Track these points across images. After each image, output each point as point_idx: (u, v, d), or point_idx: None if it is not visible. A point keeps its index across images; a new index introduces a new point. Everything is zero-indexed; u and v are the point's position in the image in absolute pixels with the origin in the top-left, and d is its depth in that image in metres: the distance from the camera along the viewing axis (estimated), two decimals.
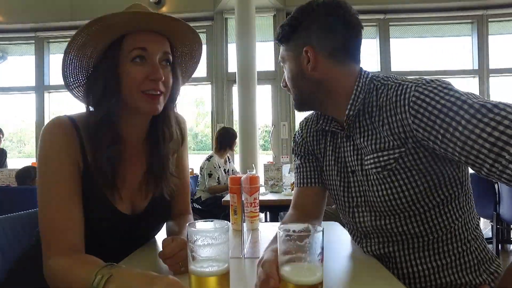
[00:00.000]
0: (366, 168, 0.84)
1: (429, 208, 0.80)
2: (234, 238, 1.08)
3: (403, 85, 0.77)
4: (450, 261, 0.82)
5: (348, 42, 0.85)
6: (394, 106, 0.77)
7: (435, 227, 0.81)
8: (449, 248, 0.82)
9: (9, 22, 5.18)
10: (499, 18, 4.89)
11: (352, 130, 0.87)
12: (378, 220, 0.85)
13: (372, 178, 0.84)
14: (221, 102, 5.03)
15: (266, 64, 4.96)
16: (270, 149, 5.10)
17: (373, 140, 0.83)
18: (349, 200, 0.91)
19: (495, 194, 2.67)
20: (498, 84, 4.96)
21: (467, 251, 0.84)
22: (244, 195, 1.15)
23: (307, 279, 0.55)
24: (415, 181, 0.78)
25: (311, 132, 1.02)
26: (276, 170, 2.89)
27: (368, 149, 0.84)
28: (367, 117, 0.84)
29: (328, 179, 0.97)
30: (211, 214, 3.26)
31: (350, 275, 0.78)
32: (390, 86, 0.80)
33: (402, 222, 0.82)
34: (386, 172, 0.80)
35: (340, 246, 0.98)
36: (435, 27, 5.10)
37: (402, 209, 0.81)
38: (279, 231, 0.55)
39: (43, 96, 5.32)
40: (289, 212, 1.02)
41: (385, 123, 0.80)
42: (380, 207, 0.84)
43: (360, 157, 0.87)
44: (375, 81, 0.85)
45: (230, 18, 4.99)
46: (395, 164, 0.79)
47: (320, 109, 0.94)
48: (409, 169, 0.78)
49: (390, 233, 0.85)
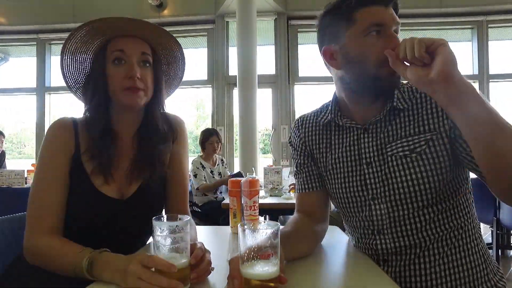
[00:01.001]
0: (389, 154, 0.84)
1: (445, 198, 0.83)
2: (233, 241, 1.08)
3: None
4: (460, 257, 0.83)
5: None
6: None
7: (448, 218, 0.83)
8: (459, 244, 0.84)
9: (11, 24, 5.21)
10: (499, 24, 4.91)
11: (376, 124, 0.88)
12: (396, 211, 0.85)
13: (394, 164, 0.84)
14: (222, 105, 5.03)
15: (266, 68, 4.97)
16: (270, 152, 5.09)
17: (399, 129, 0.85)
18: (365, 194, 0.88)
19: (495, 200, 2.66)
20: (498, 89, 4.97)
21: (475, 248, 0.86)
22: (244, 198, 1.15)
23: (261, 273, 0.58)
24: (440, 168, 0.80)
25: (310, 130, 1.00)
26: (276, 173, 2.89)
27: (391, 138, 0.85)
28: (406, 110, 0.85)
29: (336, 177, 0.93)
30: (210, 217, 3.25)
31: (349, 279, 0.78)
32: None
33: (419, 212, 0.83)
34: (414, 155, 0.82)
35: (339, 250, 0.98)
36: (435, 32, 5.11)
37: (423, 195, 0.81)
38: (238, 227, 0.60)
39: (44, 97, 5.33)
40: (293, 215, 1.01)
41: (422, 112, 0.83)
42: (400, 194, 0.83)
43: (380, 147, 0.87)
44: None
45: (231, 21, 5.01)
46: (425, 147, 0.81)
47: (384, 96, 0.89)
48: (437, 154, 0.80)
49: (405, 223, 0.84)
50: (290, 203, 2.37)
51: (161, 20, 5.01)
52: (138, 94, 0.92)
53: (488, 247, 1.12)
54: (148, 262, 0.65)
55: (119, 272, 0.67)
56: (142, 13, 4.97)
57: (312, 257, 0.88)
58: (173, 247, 0.65)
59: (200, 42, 5.28)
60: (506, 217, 2.56)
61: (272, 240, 0.58)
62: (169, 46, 1.01)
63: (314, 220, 0.96)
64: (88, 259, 0.72)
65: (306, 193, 1.00)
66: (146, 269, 0.64)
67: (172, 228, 0.65)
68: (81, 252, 0.75)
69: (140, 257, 0.66)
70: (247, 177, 1.16)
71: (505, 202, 0.75)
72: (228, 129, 5.04)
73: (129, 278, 0.64)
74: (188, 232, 0.67)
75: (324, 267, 0.85)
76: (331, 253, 0.94)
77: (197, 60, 5.25)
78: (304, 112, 1.08)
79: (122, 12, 5.04)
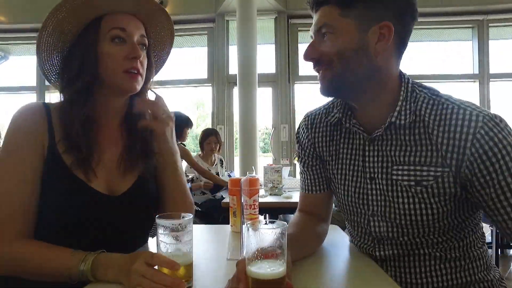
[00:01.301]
0: (394, 178, 0.78)
1: (453, 226, 0.78)
2: (233, 240, 1.08)
3: (466, 110, 0.72)
4: (460, 264, 0.82)
5: (410, 33, 0.75)
6: (454, 129, 0.71)
7: (451, 239, 0.80)
8: (461, 264, 0.81)
9: (11, 22, 5.19)
10: (500, 23, 4.89)
11: (383, 136, 0.79)
12: (395, 232, 0.81)
13: (398, 190, 0.78)
14: (222, 104, 5.03)
15: (266, 67, 4.96)
16: (270, 151, 5.09)
17: (408, 152, 0.76)
18: (365, 208, 0.85)
19: None
20: (498, 89, 4.97)
21: (477, 256, 0.84)
22: (244, 197, 1.15)
23: (270, 273, 0.56)
24: (445, 200, 0.74)
25: (320, 131, 0.92)
26: (275, 172, 2.89)
27: (399, 159, 0.77)
28: (407, 127, 0.76)
29: (339, 184, 0.89)
30: (210, 216, 3.25)
31: (350, 279, 0.78)
32: (447, 105, 0.74)
33: (420, 236, 0.79)
34: (419, 188, 0.75)
35: (340, 249, 0.98)
36: (436, 31, 5.10)
37: (425, 224, 0.77)
38: (245, 227, 0.57)
39: (44, 96, 5.31)
40: (295, 214, 1.00)
41: (433, 138, 0.74)
42: (401, 220, 0.78)
43: (386, 164, 0.79)
44: (418, 90, 0.78)
45: (231, 20, 5.00)
46: (433, 183, 0.74)
47: (358, 102, 0.80)
48: (445, 191, 0.74)
49: (406, 243, 0.81)
50: (290, 202, 2.37)
51: None
52: (137, 78, 0.85)
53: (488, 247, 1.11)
54: (152, 260, 0.65)
55: (123, 271, 0.67)
56: None
57: (312, 257, 0.88)
58: (175, 245, 0.66)
59: (200, 41, 5.27)
60: None
61: (280, 240, 0.57)
62: (161, 30, 0.95)
63: (317, 220, 0.96)
64: (88, 261, 0.70)
65: (312, 194, 0.98)
66: (150, 267, 0.64)
67: (174, 226, 0.65)
68: (74, 255, 0.72)
69: (144, 255, 0.66)
70: (247, 176, 1.16)
71: None
72: (228, 128, 5.03)
73: (133, 276, 0.64)
74: (191, 230, 0.67)
75: (325, 266, 0.85)
76: (332, 252, 0.94)
77: (197, 59, 5.25)
78: (303, 111, 1.05)
79: None
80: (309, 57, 0.77)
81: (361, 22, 0.71)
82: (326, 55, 0.74)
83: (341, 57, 0.73)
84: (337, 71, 0.74)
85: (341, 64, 0.73)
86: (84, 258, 0.71)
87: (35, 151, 0.79)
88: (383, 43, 0.72)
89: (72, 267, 0.70)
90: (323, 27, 0.74)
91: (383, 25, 0.71)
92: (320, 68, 0.77)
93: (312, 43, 0.77)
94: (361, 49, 0.72)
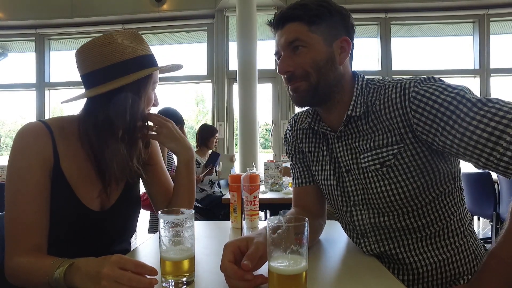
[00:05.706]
0: (363, 166, 0.85)
1: (426, 203, 0.82)
2: (234, 236, 1.08)
3: (402, 83, 0.80)
4: (450, 255, 0.84)
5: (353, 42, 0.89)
6: (394, 102, 0.79)
7: (431, 222, 0.83)
8: (446, 243, 0.84)
9: (10, 19, 5.17)
10: (501, 18, 4.87)
11: (346, 131, 0.88)
12: (377, 217, 0.86)
13: (370, 176, 0.84)
14: (222, 100, 5.02)
15: (266, 62, 4.95)
16: (270, 147, 5.09)
17: (369, 139, 0.84)
18: (346, 200, 0.91)
19: (495, 194, 2.66)
20: (499, 83, 4.95)
21: (465, 245, 0.86)
22: (244, 193, 1.15)
23: (293, 268, 0.57)
24: (413, 177, 0.80)
25: (300, 130, 1.02)
26: (276, 168, 2.89)
27: (363, 147, 0.85)
28: (362, 117, 0.85)
29: (322, 179, 0.96)
30: (211, 212, 3.26)
31: (350, 273, 0.78)
32: (388, 85, 0.83)
33: (400, 218, 0.84)
34: (385, 169, 0.82)
35: (339, 244, 0.98)
36: (436, 26, 5.08)
37: (400, 204, 0.82)
38: (268, 222, 0.58)
39: (44, 93, 5.31)
40: (290, 210, 1.02)
41: (384, 120, 0.82)
42: (379, 204, 0.84)
43: (355, 156, 0.87)
44: (370, 84, 0.87)
45: (231, 16, 4.98)
46: (394, 160, 0.81)
47: (325, 106, 0.89)
48: (407, 165, 0.80)
49: (388, 229, 0.86)
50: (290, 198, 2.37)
51: (161, 15, 4.98)
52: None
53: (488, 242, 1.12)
54: (126, 264, 0.63)
55: (89, 276, 0.64)
56: (142, 7, 4.94)
57: (312, 252, 0.89)
58: (178, 240, 0.67)
59: (199, 37, 5.25)
60: (506, 211, 2.56)
61: (300, 235, 0.57)
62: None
63: (311, 216, 0.96)
64: (62, 268, 0.69)
65: (302, 188, 1.02)
66: (124, 271, 0.62)
67: (177, 222, 0.66)
68: (54, 263, 0.71)
69: (114, 259, 0.63)
70: (248, 172, 1.16)
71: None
72: (228, 124, 5.03)
73: (103, 281, 0.61)
74: (193, 225, 0.68)
75: (325, 260, 0.85)
76: (332, 247, 0.95)
77: (197, 55, 5.24)
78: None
79: (122, 7, 5.01)
80: (285, 70, 0.84)
81: (326, 38, 0.83)
82: (301, 67, 0.83)
83: (316, 68, 0.82)
84: (313, 81, 0.83)
85: (316, 74, 0.82)
86: (59, 265, 0.69)
87: (43, 172, 0.82)
88: (345, 54, 0.85)
89: (50, 274, 0.69)
90: (295, 41, 0.82)
91: (343, 39, 0.84)
92: (295, 81, 0.84)
93: (285, 57, 0.84)
94: (330, 60, 0.83)
